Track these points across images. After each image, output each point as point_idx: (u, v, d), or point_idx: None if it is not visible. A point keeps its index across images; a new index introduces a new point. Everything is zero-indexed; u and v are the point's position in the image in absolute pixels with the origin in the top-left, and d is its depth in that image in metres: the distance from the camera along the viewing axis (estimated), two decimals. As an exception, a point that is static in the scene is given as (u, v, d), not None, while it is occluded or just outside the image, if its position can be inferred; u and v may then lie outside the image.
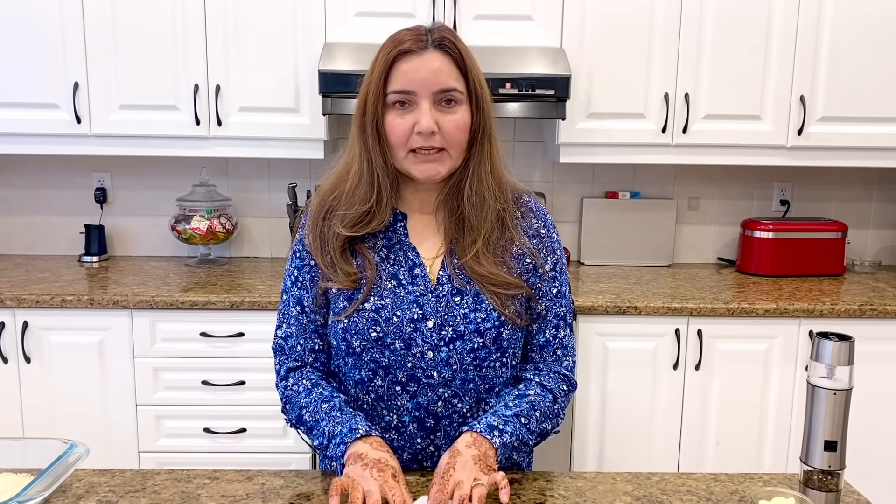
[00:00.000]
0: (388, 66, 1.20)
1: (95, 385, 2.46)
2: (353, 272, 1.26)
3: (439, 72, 1.20)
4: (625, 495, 1.22)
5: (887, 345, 2.48)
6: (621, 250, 3.00)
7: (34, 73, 2.59)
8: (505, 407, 1.25)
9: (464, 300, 1.26)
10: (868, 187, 3.11)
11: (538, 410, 1.26)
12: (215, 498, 1.19)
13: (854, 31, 2.62)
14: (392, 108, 1.21)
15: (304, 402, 1.28)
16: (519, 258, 1.30)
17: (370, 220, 1.26)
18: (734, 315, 2.46)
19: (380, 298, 1.26)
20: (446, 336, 1.25)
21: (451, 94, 1.21)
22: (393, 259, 1.29)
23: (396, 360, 1.25)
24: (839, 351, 1.14)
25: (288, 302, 1.34)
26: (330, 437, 1.21)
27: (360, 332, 1.25)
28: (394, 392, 1.27)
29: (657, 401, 2.51)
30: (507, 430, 1.21)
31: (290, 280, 1.34)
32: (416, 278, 1.27)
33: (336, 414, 1.23)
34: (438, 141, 1.21)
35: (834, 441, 1.16)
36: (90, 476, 1.25)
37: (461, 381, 1.26)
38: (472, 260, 1.25)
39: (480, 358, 1.26)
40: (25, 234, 3.04)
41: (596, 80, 2.64)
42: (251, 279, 2.68)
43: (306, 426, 1.28)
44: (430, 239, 1.31)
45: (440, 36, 1.22)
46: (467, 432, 1.19)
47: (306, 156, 2.70)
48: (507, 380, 1.32)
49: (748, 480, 1.28)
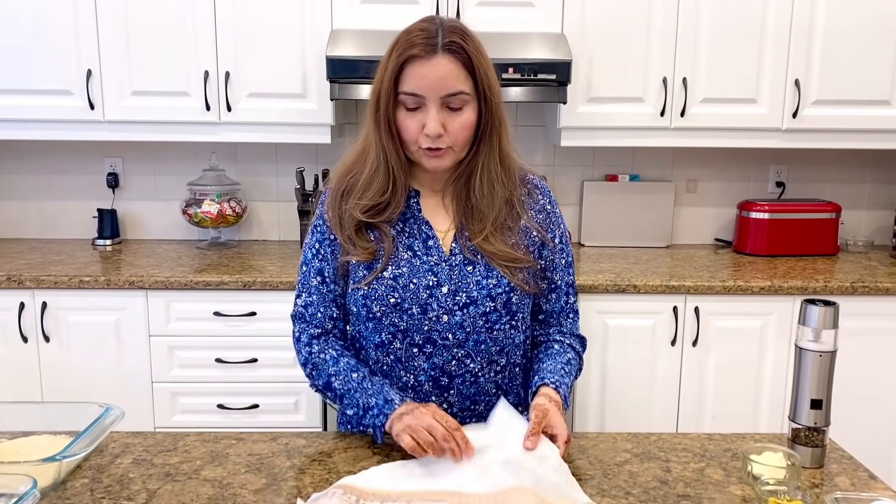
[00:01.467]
0: (398, 67, 1.27)
1: (112, 363, 2.54)
2: (371, 245, 1.35)
3: (447, 77, 1.27)
4: (625, 452, 1.31)
5: (879, 321, 2.57)
6: (621, 231, 3.08)
7: (48, 61, 2.66)
8: (557, 364, 1.40)
9: (476, 269, 1.35)
10: (862, 169, 3.19)
11: (574, 367, 1.44)
12: (242, 456, 1.27)
13: (847, 16, 2.69)
14: (403, 105, 1.29)
15: (332, 371, 1.37)
16: (526, 232, 1.40)
17: (385, 209, 1.36)
18: (730, 293, 2.54)
19: (397, 267, 1.35)
20: (460, 301, 1.34)
21: (457, 97, 1.28)
22: (408, 232, 1.38)
23: (414, 323, 1.34)
24: (825, 316, 1.23)
25: (308, 273, 1.42)
26: (366, 409, 1.30)
27: (380, 299, 1.34)
28: (411, 353, 1.36)
29: (656, 376, 2.60)
30: (566, 382, 1.37)
31: (310, 252, 1.42)
32: (430, 249, 1.36)
33: (367, 385, 1.32)
34: (444, 141, 1.30)
35: (820, 399, 1.24)
36: (124, 438, 1.33)
37: (474, 342, 1.35)
38: (482, 241, 1.35)
39: (492, 321, 1.35)
40: (39, 219, 3.12)
41: (596, 65, 2.71)
42: (261, 261, 2.76)
43: (335, 393, 1.37)
44: (440, 215, 1.40)
45: (449, 40, 1.27)
46: (546, 385, 1.34)
47: (313, 140, 2.77)
48: (516, 342, 1.41)
49: (740, 439, 1.36)
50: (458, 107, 1.29)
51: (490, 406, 1.38)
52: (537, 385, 1.36)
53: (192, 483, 1.18)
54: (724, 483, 1.21)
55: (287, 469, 1.23)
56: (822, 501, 1.15)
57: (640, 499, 1.15)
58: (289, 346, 2.53)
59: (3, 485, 1.06)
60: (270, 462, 1.25)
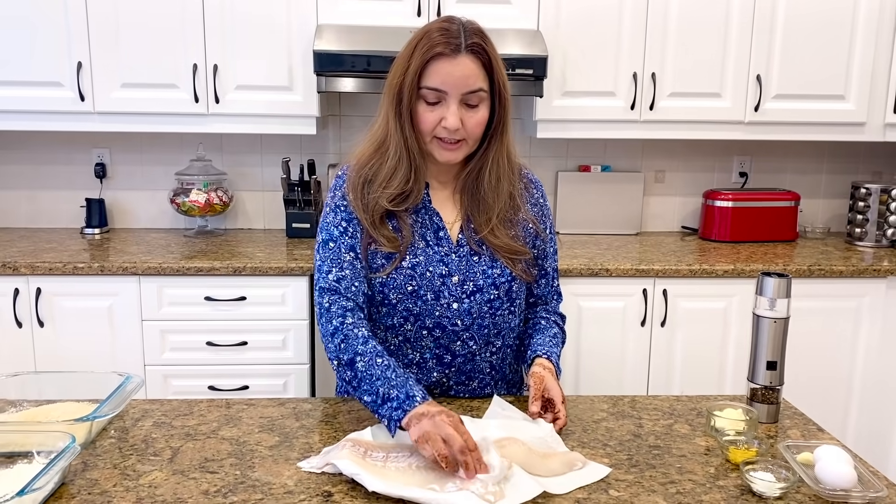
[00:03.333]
0: (423, 63, 1.37)
1: (106, 347, 2.63)
2: (393, 236, 1.44)
3: (469, 76, 1.37)
4: (601, 412, 1.45)
5: (833, 301, 2.75)
6: (593, 219, 3.23)
7: (39, 53, 2.72)
8: (545, 337, 1.55)
9: (481, 259, 1.47)
10: (819, 160, 3.38)
11: (560, 339, 1.60)
12: (255, 418, 1.39)
13: (805, 13, 2.86)
14: (423, 99, 1.39)
15: (360, 350, 1.34)
16: (523, 224, 1.53)
17: (407, 197, 1.44)
18: (696, 276, 2.70)
19: (414, 256, 1.45)
20: (468, 289, 1.46)
21: (476, 94, 1.38)
22: (420, 222, 1.48)
23: (427, 309, 1.45)
24: (779, 286, 1.38)
25: (339, 248, 1.43)
26: (385, 399, 1.27)
27: (398, 287, 1.44)
28: (420, 335, 1.47)
29: (626, 355, 2.75)
30: (556, 351, 1.52)
31: (337, 230, 1.44)
32: (440, 240, 1.47)
33: (391, 375, 1.30)
34: (460, 134, 1.40)
35: (774, 361, 1.39)
36: (142, 404, 1.44)
37: (477, 326, 1.48)
38: (488, 233, 1.47)
39: (495, 307, 1.48)
40: (28, 208, 3.18)
41: (570, 61, 2.85)
42: (249, 248, 2.85)
43: (355, 374, 1.33)
44: (448, 207, 1.51)
45: (472, 41, 1.37)
46: (541, 356, 1.48)
47: (299, 131, 2.87)
48: (512, 326, 1.54)
49: (705, 400, 1.51)
50: (475, 104, 1.39)
51: (483, 384, 1.53)
52: (531, 357, 1.49)
53: (211, 441, 1.29)
54: (691, 436, 1.35)
55: (297, 429, 1.35)
56: (775, 450, 1.30)
57: (616, 449, 1.29)
58: (277, 329, 2.67)
59: (40, 442, 1.17)
60: (281, 423, 1.37)
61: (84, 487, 1.15)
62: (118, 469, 1.20)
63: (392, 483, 1.13)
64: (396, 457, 1.21)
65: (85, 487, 1.15)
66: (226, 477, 1.18)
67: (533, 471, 1.18)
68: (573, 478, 1.19)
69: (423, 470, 1.18)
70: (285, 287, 2.61)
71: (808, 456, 1.22)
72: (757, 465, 1.19)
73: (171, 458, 1.23)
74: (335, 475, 1.18)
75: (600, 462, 1.24)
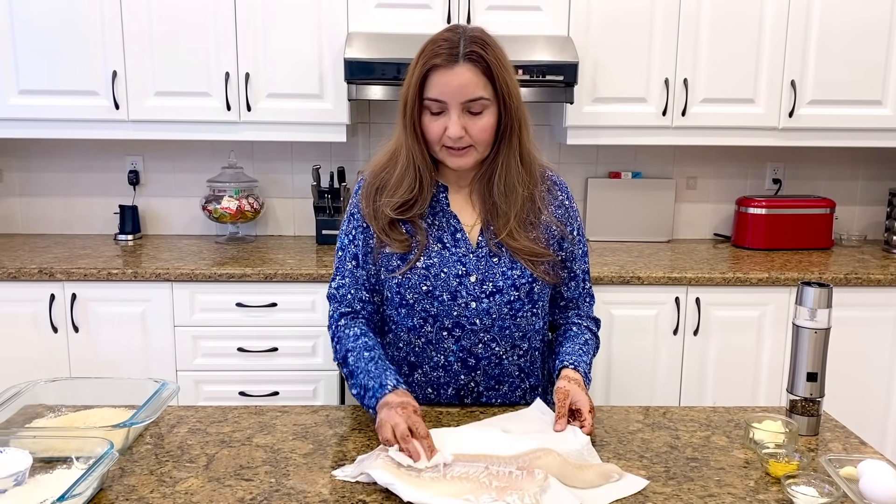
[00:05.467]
0: (423, 75, 1.39)
1: (138, 352, 2.66)
2: (405, 238, 1.47)
3: (467, 85, 1.38)
4: (637, 423, 1.43)
5: (871, 310, 2.69)
6: (624, 227, 3.20)
7: (75, 63, 2.77)
8: (575, 345, 1.52)
9: (501, 260, 1.47)
10: (854, 166, 3.32)
11: (592, 346, 1.57)
12: (288, 426, 1.39)
13: (840, 18, 2.81)
14: (428, 110, 1.41)
15: (349, 346, 1.46)
16: (547, 227, 1.51)
17: (412, 206, 1.47)
18: (730, 284, 2.66)
19: (428, 258, 1.46)
20: (487, 289, 1.45)
21: (477, 102, 1.39)
22: (437, 225, 1.49)
23: (444, 309, 1.45)
24: (819, 296, 1.35)
25: (344, 257, 1.53)
26: (365, 390, 1.38)
27: (413, 287, 1.45)
28: (441, 336, 1.47)
29: (659, 364, 2.72)
30: (584, 360, 1.49)
31: (346, 239, 1.53)
32: (458, 242, 1.48)
33: (371, 367, 1.39)
34: (466, 141, 1.41)
35: (815, 373, 1.36)
36: (177, 411, 1.45)
37: (499, 328, 1.47)
38: (507, 237, 1.47)
39: (515, 309, 1.47)
40: (63, 214, 3.23)
41: (601, 67, 2.84)
42: (280, 254, 2.87)
43: (348, 369, 1.45)
44: (466, 210, 1.52)
45: (470, 50, 1.38)
46: (566, 367, 1.45)
47: (330, 139, 2.89)
48: (537, 328, 1.53)
49: (742, 411, 1.49)
50: (478, 111, 1.40)
51: (513, 387, 1.52)
52: (558, 368, 1.47)
53: (245, 448, 1.30)
54: (729, 448, 1.33)
55: (331, 437, 1.35)
56: (816, 463, 1.27)
57: (653, 461, 1.27)
58: (308, 336, 2.68)
59: (79, 448, 1.18)
60: (315, 431, 1.37)
61: (122, 493, 1.16)
62: (154, 475, 1.21)
63: (427, 493, 1.12)
64: (431, 466, 1.20)
65: (123, 493, 1.15)
66: (261, 485, 1.18)
67: (569, 482, 1.17)
68: (610, 490, 1.17)
69: (458, 480, 1.17)
70: (315, 293, 2.62)
71: (852, 470, 1.19)
72: (799, 479, 1.16)
73: (207, 465, 1.24)
74: (369, 484, 1.18)
75: (637, 474, 1.22)
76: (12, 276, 2.58)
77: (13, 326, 2.62)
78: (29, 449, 1.16)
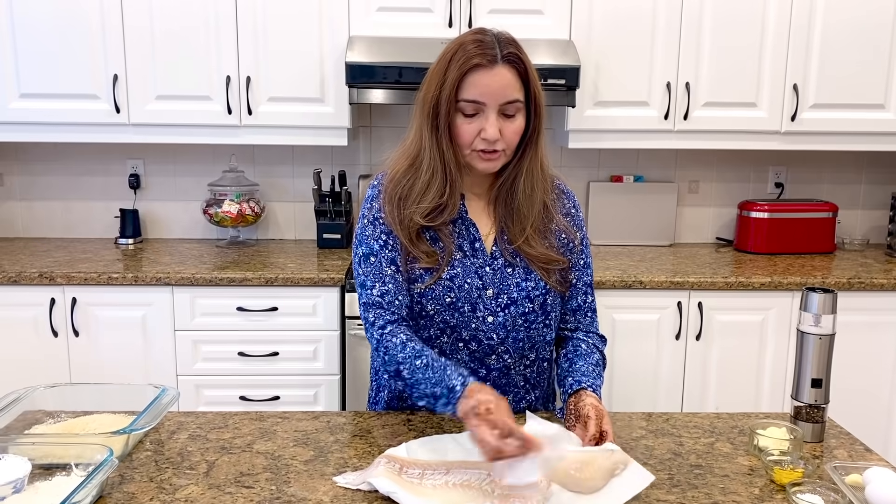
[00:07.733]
0: (461, 76, 1.35)
1: (139, 357, 2.65)
2: (432, 251, 1.42)
3: (507, 86, 1.36)
4: (640, 429, 1.42)
5: (874, 315, 2.68)
6: (625, 231, 3.19)
7: (76, 66, 2.76)
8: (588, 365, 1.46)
9: (515, 271, 1.45)
10: (857, 170, 3.31)
11: (601, 367, 1.50)
12: (289, 432, 1.38)
13: (843, 22, 2.81)
14: (460, 112, 1.38)
15: (400, 358, 1.36)
16: (557, 234, 1.50)
17: (443, 211, 1.43)
18: (732, 288, 2.65)
19: (452, 268, 1.43)
20: (503, 302, 1.44)
21: (513, 105, 1.37)
22: (457, 233, 1.46)
23: (463, 321, 1.43)
24: (824, 302, 1.34)
25: (380, 263, 1.42)
26: (435, 398, 1.30)
27: (437, 298, 1.42)
28: (456, 348, 1.46)
29: (661, 369, 2.71)
30: (598, 383, 1.44)
31: (377, 244, 1.43)
32: (476, 251, 1.46)
33: (430, 374, 1.31)
34: (499, 145, 1.39)
35: (820, 379, 1.35)
36: (177, 417, 1.44)
37: (512, 339, 1.46)
38: (523, 243, 1.45)
39: (530, 321, 1.46)
40: (64, 218, 3.23)
41: (603, 70, 2.83)
42: (280, 258, 2.86)
43: (405, 383, 1.36)
44: (482, 217, 1.50)
45: (508, 52, 1.36)
46: (586, 390, 1.39)
47: (331, 143, 2.88)
48: (547, 339, 1.51)
49: (746, 417, 1.47)
50: (512, 114, 1.38)
51: (518, 398, 1.51)
52: (576, 388, 1.41)
53: (246, 455, 1.29)
54: (733, 455, 1.32)
55: (332, 443, 1.34)
56: (822, 470, 1.26)
57: (657, 468, 1.26)
58: (309, 340, 2.67)
59: (78, 455, 1.17)
60: (316, 437, 1.36)
61: (121, 500, 1.15)
62: (154, 482, 1.20)
63: (428, 501, 1.11)
64: (433, 474, 1.19)
65: (122, 500, 1.15)
66: (261, 492, 1.17)
67: (573, 488, 1.16)
68: (614, 492, 1.16)
69: (459, 487, 1.16)
70: (316, 298, 2.62)
71: (857, 478, 1.18)
72: (804, 487, 1.15)
73: (207, 472, 1.23)
74: (371, 492, 1.17)
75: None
76: (13, 280, 2.57)
77: (13, 331, 2.61)
78: (28, 455, 1.15)
